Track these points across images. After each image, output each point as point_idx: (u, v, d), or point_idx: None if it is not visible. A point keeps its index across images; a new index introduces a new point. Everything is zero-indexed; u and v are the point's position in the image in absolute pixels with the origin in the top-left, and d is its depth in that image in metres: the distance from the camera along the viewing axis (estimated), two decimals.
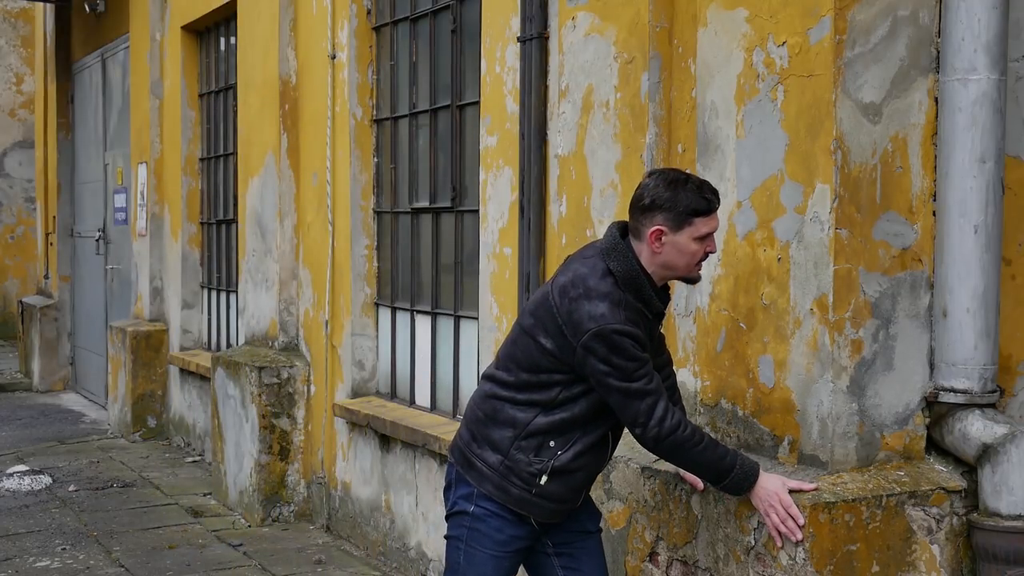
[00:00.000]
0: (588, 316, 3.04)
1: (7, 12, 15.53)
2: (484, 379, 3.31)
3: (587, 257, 3.18)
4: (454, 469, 3.30)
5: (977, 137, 3.20)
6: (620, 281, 3.09)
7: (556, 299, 3.12)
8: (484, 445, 3.21)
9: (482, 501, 3.21)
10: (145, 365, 9.21)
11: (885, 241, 3.22)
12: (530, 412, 3.16)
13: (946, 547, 3.21)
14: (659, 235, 3.08)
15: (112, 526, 6.64)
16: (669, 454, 3.12)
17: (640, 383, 3.06)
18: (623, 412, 3.09)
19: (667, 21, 3.89)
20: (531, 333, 3.16)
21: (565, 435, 3.17)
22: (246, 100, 7.41)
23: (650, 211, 3.08)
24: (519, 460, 3.17)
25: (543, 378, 3.15)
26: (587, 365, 3.07)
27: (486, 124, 5.02)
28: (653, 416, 3.05)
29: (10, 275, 15.77)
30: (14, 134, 15.55)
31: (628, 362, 3.04)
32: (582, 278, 3.11)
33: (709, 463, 3.11)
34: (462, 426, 3.33)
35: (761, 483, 3.13)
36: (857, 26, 3.16)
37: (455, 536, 3.27)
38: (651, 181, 3.11)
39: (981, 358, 3.24)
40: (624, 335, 3.04)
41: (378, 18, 6.23)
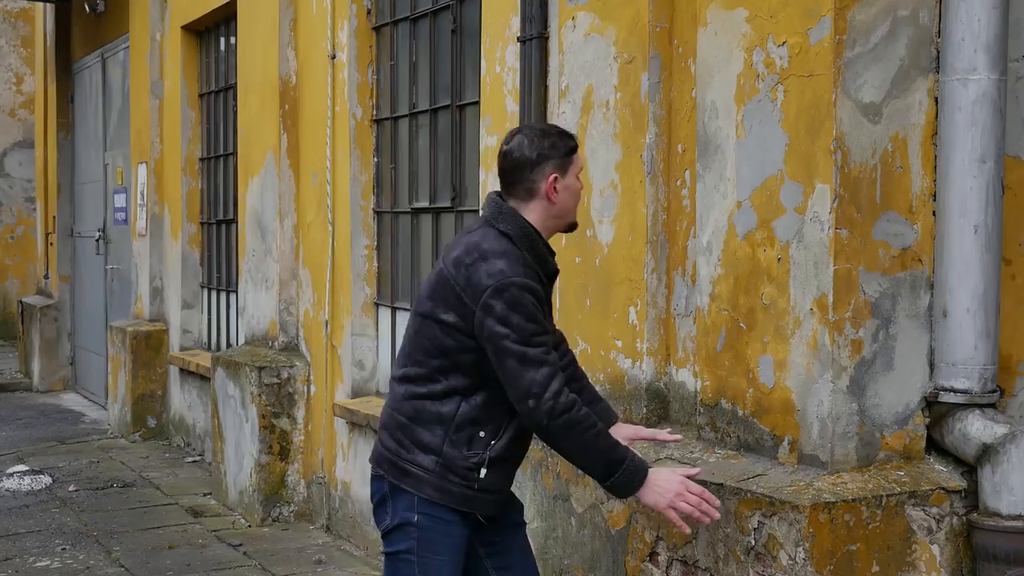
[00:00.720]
0: (486, 274, 2.99)
1: (7, 12, 15.53)
2: (396, 381, 3.19)
3: (475, 229, 3.15)
4: (385, 483, 3.14)
5: (977, 137, 3.20)
6: (515, 240, 3.07)
7: (452, 271, 3.06)
8: (414, 449, 3.10)
9: (425, 508, 3.09)
10: (145, 365, 9.21)
11: (885, 241, 3.22)
12: (452, 403, 3.07)
13: (946, 547, 3.21)
14: (555, 183, 3.09)
15: (112, 526, 6.64)
16: (561, 434, 2.97)
17: (539, 350, 2.97)
18: (516, 381, 2.96)
19: (667, 21, 3.89)
20: (431, 315, 3.09)
21: (494, 422, 3.09)
22: (246, 100, 7.41)
23: (539, 164, 3.08)
24: (454, 457, 3.07)
25: (455, 359, 3.06)
26: (484, 328, 2.97)
27: (486, 124, 5.02)
28: (549, 388, 2.94)
29: (10, 275, 15.78)
30: (14, 134, 15.55)
31: (527, 323, 2.97)
32: (475, 245, 3.07)
33: (601, 451, 2.99)
34: (382, 436, 3.18)
35: (654, 479, 3.01)
36: (857, 26, 3.16)
37: (404, 550, 3.11)
38: (523, 139, 3.11)
39: (981, 358, 3.24)
40: (525, 289, 2.99)
41: (378, 18, 6.23)
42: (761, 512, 3.15)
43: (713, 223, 3.52)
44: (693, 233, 3.78)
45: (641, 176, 3.88)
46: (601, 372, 4.07)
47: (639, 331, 3.90)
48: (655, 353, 3.89)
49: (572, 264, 4.19)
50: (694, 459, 3.51)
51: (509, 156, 3.12)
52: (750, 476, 3.27)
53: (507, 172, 3.14)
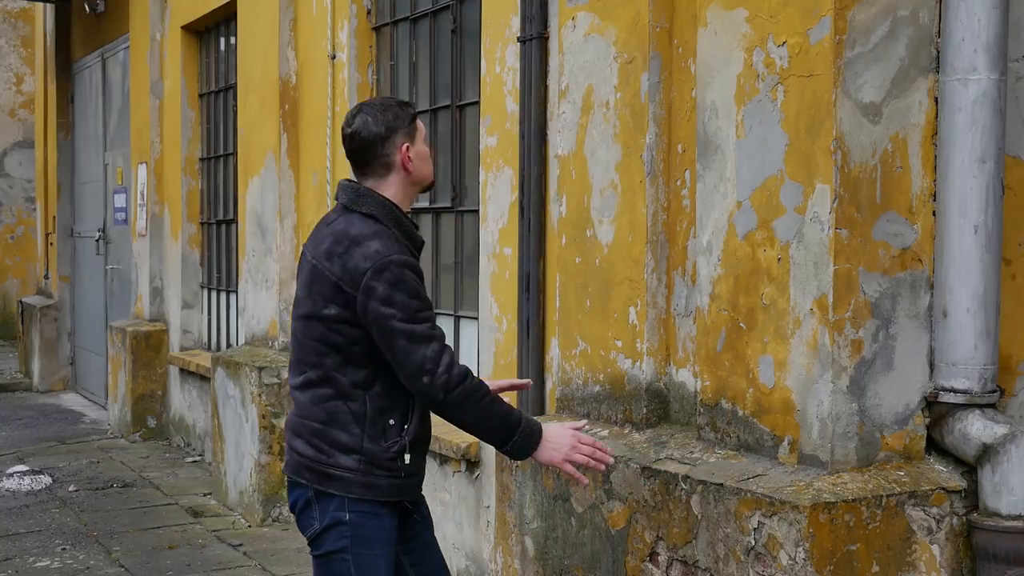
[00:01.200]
0: (363, 257, 2.98)
1: (7, 12, 15.53)
2: (297, 390, 3.15)
3: (334, 220, 3.12)
4: (308, 490, 3.10)
5: (977, 137, 3.20)
6: (381, 220, 3.06)
7: (325, 263, 3.03)
8: (334, 453, 3.06)
9: (355, 506, 3.07)
10: (145, 365, 9.21)
11: (885, 241, 3.22)
12: (359, 398, 3.05)
13: (946, 547, 3.21)
14: (408, 151, 3.11)
15: (112, 526, 6.64)
16: (457, 405, 2.98)
17: (425, 326, 2.97)
18: (407, 360, 2.96)
19: (667, 21, 3.89)
20: (313, 314, 3.06)
21: (400, 407, 3.08)
22: (246, 100, 7.41)
23: (389, 137, 3.09)
24: (375, 451, 3.05)
25: (346, 354, 3.04)
26: (368, 311, 2.96)
27: (486, 124, 5.02)
28: (441, 363, 2.95)
29: (10, 275, 15.78)
30: (14, 134, 15.55)
31: (411, 300, 2.97)
32: (343, 232, 3.05)
33: (498, 417, 3.01)
34: (296, 444, 3.13)
35: (547, 437, 3.05)
36: (857, 26, 3.16)
37: (337, 549, 3.08)
38: (366, 117, 3.11)
39: (981, 358, 3.24)
40: (404, 266, 2.99)
41: (378, 18, 6.23)
42: (761, 512, 3.15)
43: (713, 223, 3.52)
44: (693, 233, 3.78)
45: (641, 176, 3.88)
46: (601, 372, 4.07)
47: (639, 331, 3.90)
48: (655, 353, 3.89)
49: (572, 264, 4.19)
50: (694, 459, 3.51)
51: (357, 136, 3.11)
52: (750, 476, 3.27)
53: (359, 152, 3.13)
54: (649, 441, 3.78)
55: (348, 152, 3.16)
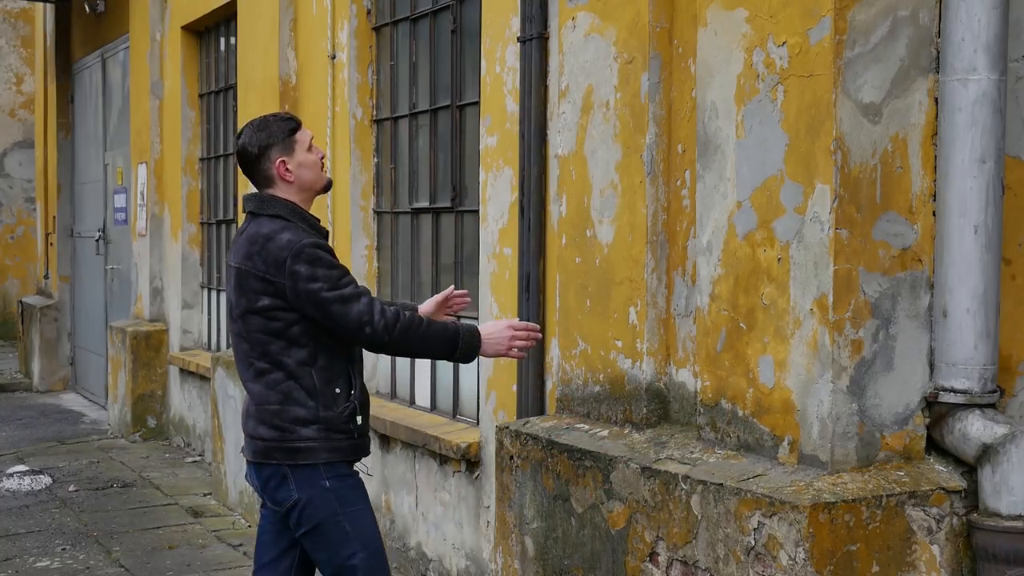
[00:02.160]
0: (279, 248, 3.34)
1: (7, 12, 15.53)
2: (251, 382, 3.46)
3: (246, 227, 3.47)
4: (279, 469, 3.40)
5: (977, 137, 3.20)
6: (286, 217, 3.43)
7: (247, 264, 3.39)
8: (294, 427, 3.38)
9: (332, 471, 3.40)
10: (145, 365, 9.21)
11: (885, 241, 3.22)
12: (306, 375, 3.39)
13: (946, 547, 3.21)
14: (284, 165, 3.45)
15: (112, 526, 6.64)
16: (402, 341, 3.36)
17: (350, 288, 3.34)
18: (345, 320, 3.32)
19: (667, 21, 3.89)
20: (249, 310, 3.39)
21: (342, 374, 3.44)
22: (246, 100, 7.41)
23: (264, 155, 3.45)
24: (329, 418, 3.39)
25: (287, 337, 3.38)
26: (299, 292, 3.31)
27: (486, 124, 5.02)
28: (374, 311, 3.33)
29: (10, 275, 15.78)
30: (14, 134, 15.56)
31: (332, 270, 3.34)
32: (255, 234, 3.40)
33: (438, 336, 3.41)
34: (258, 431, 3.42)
35: (487, 334, 3.47)
36: (857, 26, 3.16)
37: (327, 513, 3.39)
38: (245, 137, 3.47)
39: (981, 358, 3.24)
40: (316, 246, 3.36)
41: (378, 18, 6.23)
42: (761, 512, 3.15)
43: (713, 223, 3.52)
44: (693, 233, 3.78)
45: (641, 176, 3.88)
46: (601, 372, 4.07)
47: (639, 331, 3.90)
48: (655, 353, 3.89)
49: (572, 264, 4.19)
50: (694, 459, 3.51)
51: (240, 154, 3.50)
52: (750, 476, 3.27)
53: (244, 167, 3.53)
54: (649, 441, 3.78)
55: (240, 167, 3.56)
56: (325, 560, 3.44)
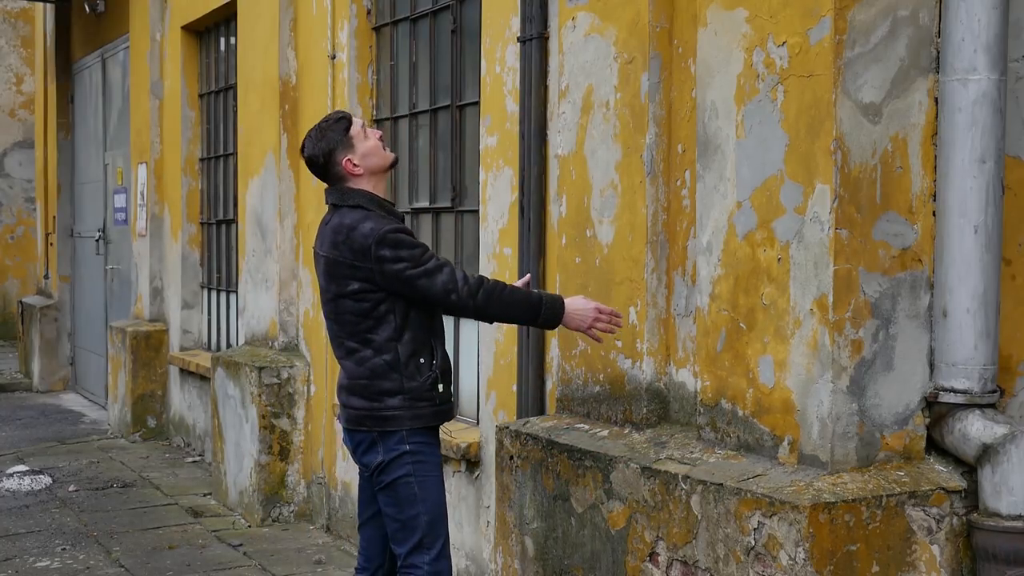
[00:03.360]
0: (363, 236, 3.60)
1: (7, 12, 15.53)
2: (344, 359, 3.76)
3: (330, 219, 3.74)
4: (368, 436, 3.72)
5: (977, 137, 3.20)
6: (365, 206, 3.69)
7: (335, 253, 3.66)
8: (382, 398, 3.68)
9: (413, 437, 3.69)
10: (145, 365, 9.21)
11: (885, 241, 3.22)
12: (391, 350, 3.67)
13: (946, 547, 3.21)
14: (350, 163, 3.72)
15: (112, 526, 6.64)
16: (488, 304, 3.63)
17: (433, 261, 3.62)
18: (433, 291, 3.61)
19: (667, 21, 3.89)
20: (341, 295, 3.67)
21: (426, 346, 3.71)
22: (246, 100, 7.41)
23: (330, 160, 3.74)
24: (413, 388, 3.68)
25: (376, 316, 3.65)
26: (387, 274, 3.59)
27: (486, 124, 5.02)
28: (457, 278, 3.61)
29: (10, 275, 15.78)
30: (14, 134, 15.55)
31: (414, 250, 3.61)
32: (339, 225, 3.67)
33: (522, 301, 3.66)
34: (351, 401, 3.74)
35: (572, 308, 3.69)
36: (857, 26, 3.16)
37: (403, 475, 3.69)
38: (308, 149, 3.76)
39: (981, 358, 3.24)
40: (398, 231, 3.62)
41: (378, 18, 6.23)
42: (761, 512, 3.15)
43: (713, 223, 3.52)
44: (693, 233, 3.78)
45: (641, 176, 3.88)
46: (601, 372, 4.07)
47: (639, 331, 3.90)
48: (655, 353, 3.89)
49: (572, 264, 4.19)
50: (694, 459, 3.51)
51: (310, 162, 3.80)
52: (750, 476, 3.27)
53: (317, 173, 3.81)
54: (649, 441, 3.78)
55: (313, 173, 3.84)
56: (394, 515, 3.74)
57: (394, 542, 3.77)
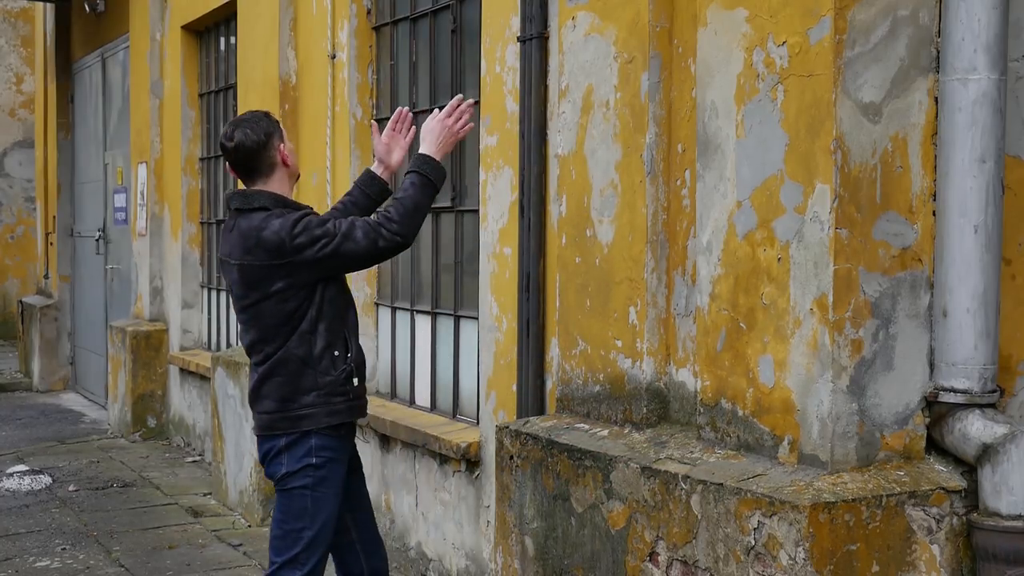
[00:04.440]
0: (273, 233, 3.60)
1: (7, 12, 15.53)
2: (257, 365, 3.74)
3: (235, 225, 3.74)
4: (279, 439, 3.69)
5: (977, 137, 3.20)
6: (270, 207, 3.69)
7: (250, 259, 3.66)
8: (297, 396, 3.67)
9: (321, 451, 3.69)
10: (145, 365, 9.21)
11: (885, 241, 3.22)
12: (306, 344, 3.67)
13: (946, 547, 3.21)
14: (284, 149, 3.77)
15: (112, 526, 6.64)
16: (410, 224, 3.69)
17: (344, 228, 3.63)
18: (360, 250, 3.62)
19: (667, 21, 3.89)
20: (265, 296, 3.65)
21: (339, 338, 3.72)
22: (246, 100, 7.41)
23: (269, 143, 3.75)
24: (329, 381, 3.69)
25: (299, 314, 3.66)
26: (308, 260, 3.60)
27: (486, 124, 5.02)
28: (371, 225, 3.64)
29: (10, 275, 15.78)
30: (14, 134, 15.55)
31: (324, 225, 3.62)
32: (247, 231, 3.67)
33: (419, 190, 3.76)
34: (262, 405, 3.71)
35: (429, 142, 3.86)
36: (857, 26, 3.16)
37: (301, 486, 3.69)
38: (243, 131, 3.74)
39: (981, 358, 3.24)
40: (302, 217, 3.64)
41: (378, 18, 6.23)
42: (761, 512, 3.15)
43: (713, 223, 3.52)
44: (693, 233, 3.78)
45: (641, 176, 3.88)
46: (601, 372, 4.07)
47: (639, 331, 3.90)
48: (655, 353, 3.89)
49: (572, 264, 4.19)
50: (694, 459, 3.51)
51: (243, 147, 3.73)
52: (750, 476, 3.27)
53: (247, 160, 3.75)
54: (649, 441, 3.78)
55: (235, 163, 3.78)
56: (280, 520, 3.72)
57: (271, 547, 3.76)
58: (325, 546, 3.75)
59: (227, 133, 3.78)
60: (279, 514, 3.73)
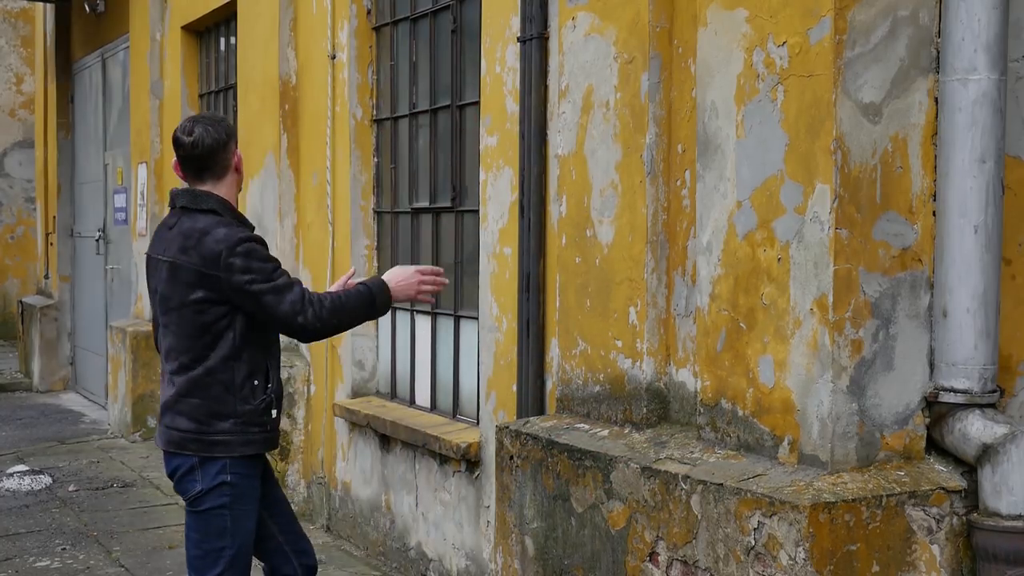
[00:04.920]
0: (215, 242, 3.48)
1: (7, 12, 15.53)
2: (172, 375, 3.62)
3: (176, 222, 3.61)
4: (190, 459, 3.59)
5: (977, 137, 3.20)
6: (219, 212, 3.59)
7: (183, 258, 3.52)
8: (212, 421, 3.56)
9: (235, 468, 3.59)
10: (145, 365, 9.20)
11: (885, 241, 3.22)
12: (228, 369, 3.55)
13: (946, 547, 3.21)
14: (239, 157, 3.70)
15: (112, 526, 6.64)
16: (334, 320, 3.56)
17: (283, 279, 3.52)
18: (278, 310, 3.50)
19: (667, 21, 3.89)
20: (184, 304, 3.53)
21: (260, 368, 3.61)
22: (246, 100, 7.41)
23: (227, 144, 3.64)
24: (247, 411, 3.58)
25: (215, 331, 3.53)
26: (233, 285, 3.47)
27: (486, 124, 5.02)
28: (306, 299, 3.52)
29: (10, 275, 15.78)
30: (14, 134, 15.55)
31: (265, 263, 3.51)
32: (190, 229, 3.54)
33: (360, 306, 3.62)
34: (176, 421, 3.60)
35: (395, 280, 3.71)
36: (857, 26, 3.16)
37: (218, 506, 3.59)
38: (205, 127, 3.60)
39: (981, 358, 3.24)
40: (252, 240, 3.53)
41: (378, 18, 6.23)
42: (761, 512, 3.15)
43: (713, 223, 3.53)
44: (693, 233, 3.78)
45: (641, 176, 3.88)
46: (601, 372, 4.07)
47: (639, 331, 3.90)
48: (655, 353, 3.89)
49: (572, 264, 4.19)
50: (694, 459, 3.51)
51: (201, 144, 3.60)
52: (750, 476, 3.27)
53: (201, 159, 3.62)
54: (649, 441, 3.78)
55: (188, 158, 3.64)
56: (199, 540, 3.65)
57: (190, 567, 3.69)
58: (247, 560, 3.70)
59: (185, 127, 3.64)
60: (195, 534, 3.65)
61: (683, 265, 3.85)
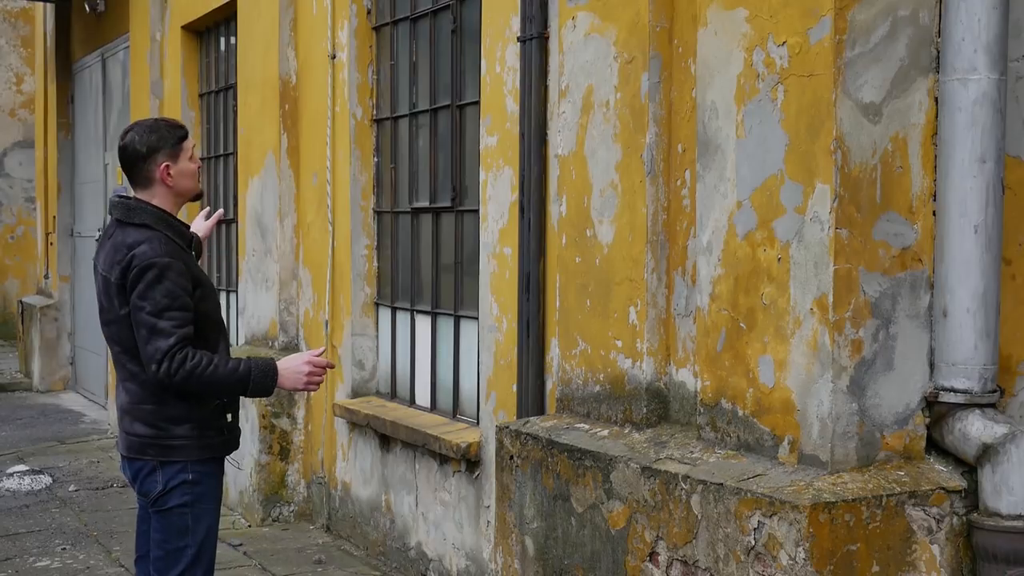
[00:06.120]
0: (133, 258, 3.44)
1: (7, 12, 15.53)
2: (126, 383, 3.60)
3: (113, 234, 3.57)
4: (148, 463, 3.58)
5: (977, 137, 3.20)
6: (152, 226, 3.52)
7: (111, 273, 3.49)
8: (168, 426, 3.55)
9: (195, 466, 3.60)
10: None
11: (885, 241, 3.22)
12: None
13: (946, 547, 3.21)
14: (167, 170, 3.56)
15: (112, 526, 6.64)
16: (186, 385, 3.44)
17: (169, 323, 3.42)
18: (145, 348, 3.43)
19: (667, 21, 3.89)
20: (118, 317, 3.51)
21: None
22: (246, 100, 7.41)
23: (151, 157, 3.55)
24: (203, 415, 3.58)
25: None
26: (132, 301, 3.44)
27: (486, 124, 5.02)
28: (171, 354, 3.40)
29: (10, 275, 15.78)
30: (14, 134, 15.56)
31: (163, 298, 3.43)
32: (120, 243, 3.51)
33: (226, 379, 3.50)
34: (133, 427, 3.59)
35: (286, 369, 3.61)
36: (857, 26, 3.16)
37: (181, 504, 3.59)
38: (135, 135, 3.57)
39: (981, 358, 3.24)
40: (168, 268, 3.45)
41: (378, 18, 6.23)
42: (761, 512, 3.15)
43: (713, 223, 3.53)
44: (693, 233, 3.78)
45: (641, 176, 3.88)
46: (601, 372, 4.07)
47: (639, 331, 3.90)
48: (655, 353, 3.89)
49: (572, 264, 4.19)
50: (694, 459, 3.51)
51: (125, 151, 3.58)
52: (750, 476, 3.27)
53: (126, 165, 3.60)
54: (649, 441, 3.78)
55: (120, 162, 3.62)
56: (160, 542, 3.64)
57: (155, 569, 3.68)
58: (209, 560, 3.72)
59: (125, 130, 3.64)
60: (159, 535, 3.64)
61: (683, 265, 3.85)
